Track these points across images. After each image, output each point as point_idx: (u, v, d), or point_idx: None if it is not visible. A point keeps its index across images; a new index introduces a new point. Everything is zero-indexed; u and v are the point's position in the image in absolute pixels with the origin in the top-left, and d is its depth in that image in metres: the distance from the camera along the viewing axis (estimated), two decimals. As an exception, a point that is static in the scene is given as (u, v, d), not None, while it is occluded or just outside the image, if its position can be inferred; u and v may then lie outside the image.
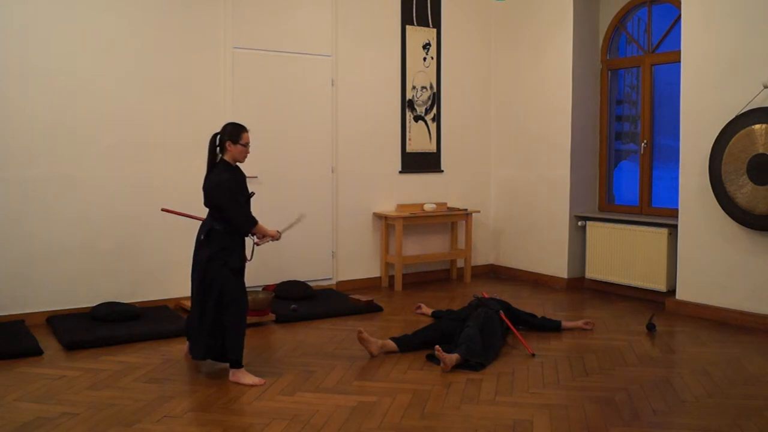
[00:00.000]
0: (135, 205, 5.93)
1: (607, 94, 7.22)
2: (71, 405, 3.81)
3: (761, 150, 5.40)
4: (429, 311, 5.91)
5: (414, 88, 7.40)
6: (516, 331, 5.07)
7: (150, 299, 6.02)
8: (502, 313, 5.11)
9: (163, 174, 6.05)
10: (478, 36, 7.82)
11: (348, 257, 7.07)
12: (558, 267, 7.24)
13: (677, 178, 6.07)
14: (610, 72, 7.22)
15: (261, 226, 4.39)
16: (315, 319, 5.77)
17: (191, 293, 4.35)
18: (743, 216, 5.53)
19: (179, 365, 4.54)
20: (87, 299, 5.74)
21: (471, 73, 7.80)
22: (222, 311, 4.21)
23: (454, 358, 4.43)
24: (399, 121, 7.32)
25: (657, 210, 6.77)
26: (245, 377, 4.20)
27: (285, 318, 5.69)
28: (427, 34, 7.45)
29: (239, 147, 4.31)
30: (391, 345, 4.82)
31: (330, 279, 6.98)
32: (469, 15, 7.74)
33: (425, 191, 7.52)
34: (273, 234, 4.45)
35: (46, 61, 5.53)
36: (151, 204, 5.94)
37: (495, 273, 7.99)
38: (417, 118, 7.44)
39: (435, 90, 7.54)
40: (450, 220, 7.54)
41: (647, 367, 4.56)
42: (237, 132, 4.31)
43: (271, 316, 5.67)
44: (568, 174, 7.08)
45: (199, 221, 4.98)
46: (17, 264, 5.50)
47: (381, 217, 7.20)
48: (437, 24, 7.50)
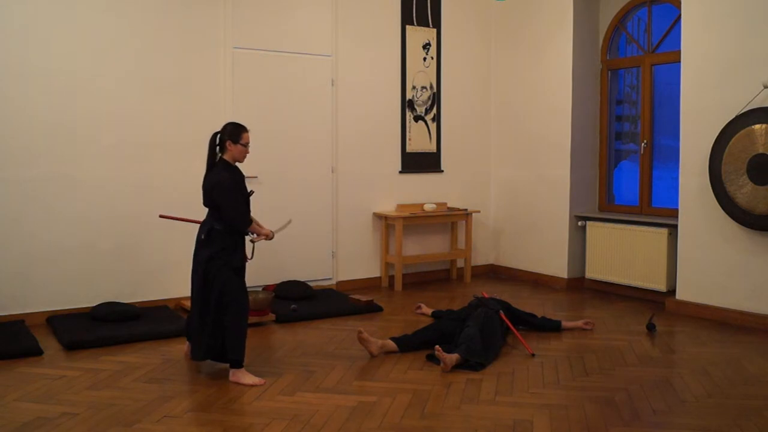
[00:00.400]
0: (135, 205, 5.93)
1: (607, 94, 7.22)
2: (71, 405, 3.81)
3: (761, 150, 5.40)
4: (429, 311, 5.91)
5: (414, 88, 7.40)
6: (516, 331, 5.07)
7: (150, 299, 6.02)
8: (502, 313, 5.11)
9: (163, 174, 6.05)
10: (478, 36, 7.82)
11: (348, 257, 7.07)
12: (558, 267, 7.24)
13: (677, 178, 6.07)
14: (610, 72, 7.22)
15: (255, 225, 4.48)
16: (315, 319, 5.77)
17: (191, 293, 4.36)
18: (743, 216, 5.53)
19: (179, 365, 4.54)
20: (87, 299, 5.74)
21: (471, 73, 7.80)
22: (223, 311, 4.21)
23: (454, 358, 4.43)
24: (399, 121, 7.33)
25: (657, 210, 6.76)
26: (245, 377, 4.20)
27: (285, 318, 5.69)
28: (427, 34, 7.45)
29: (239, 147, 4.31)
30: (391, 345, 4.82)
31: (330, 279, 6.98)
32: (469, 15, 7.74)
33: (425, 191, 7.52)
34: (267, 233, 4.48)
35: (46, 61, 5.53)
36: (151, 204, 5.95)
37: (495, 273, 7.99)
38: (417, 118, 7.44)
39: (435, 90, 7.53)
40: (450, 220, 7.54)
41: (647, 367, 4.56)
42: (237, 132, 4.31)
43: (271, 316, 5.67)
44: (568, 174, 7.08)
45: (199, 223, 4.99)
46: (17, 264, 5.50)
47: (381, 217, 7.20)
48: (437, 24, 7.50)
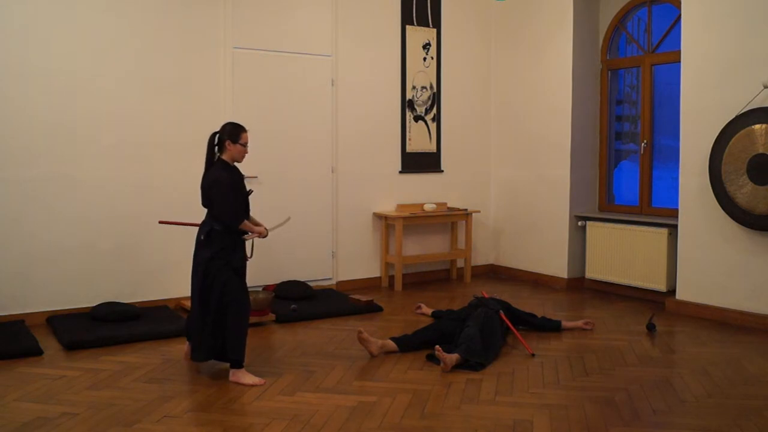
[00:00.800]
0: (135, 205, 5.93)
1: (607, 94, 7.22)
2: (71, 405, 3.81)
3: (761, 150, 5.40)
4: (429, 311, 5.91)
5: (414, 88, 7.40)
6: (516, 331, 5.07)
7: (150, 299, 6.02)
8: (502, 313, 5.11)
9: (163, 174, 6.05)
10: (478, 36, 7.82)
11: (348, 257, 7.07)
12: (558, 267, 7.24)
13: (677, 178, 6.07)
14: (610, 72, 7.22)
15: (248, 223, 4.35)
16: (315, 319, 5.77)
17: (192, 294, 4.35)
18: (743, 216, 5.53)
19: (179, 365, 4.54)
20: (87, 299, 5.74)
21: (471, 73, 7.80)
22: (223, 311, 4.21)
23: (454, 358, 4.43)
24: (399, 121, 7.33)
25: (657, 210, 6.76)
26: (245, 377, 4.20)
27: (285, 318, 5.69)
28: (427, 34, 7.45)
29: (238, 147, 4.31)
30: (391, 345, 4.82)
31: (330, 279, 6.98)
32: (469, 15, 7.74)
33: (425, 191, 7.52)
34: (260, 231, 4.37)
35: (46, 61, 5.53)
36: (151, 204, 5.95)
37: (495, 273, 7.99)
38: (417, 118, 7.44)
39: (435, 90, 7.53)
40: (450, 220, 7.54)
41: (647, 367, 4.56)
42: (237, 132, 4.32)
43: (271, 316, 5.67)
44: (568, 174, 7.08)
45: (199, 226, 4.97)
46: (17, 264, 5.50)
47: (381, 217, 7.20)
48: (437, 24, 7.50)
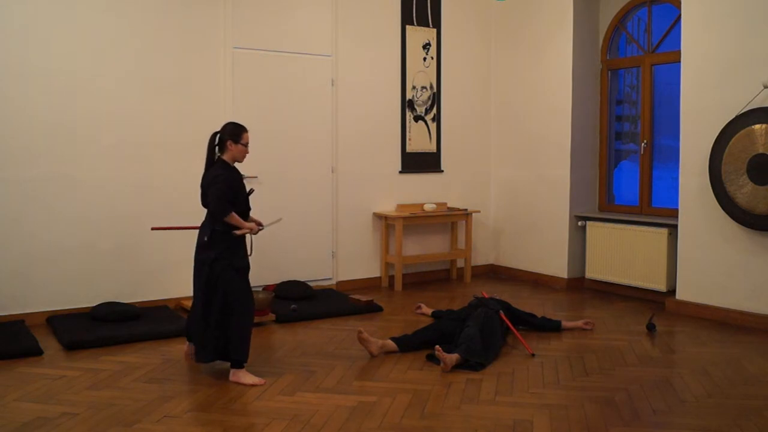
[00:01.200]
0: (135, 205, 5.93)
1: (607, 94, 7.22)
2: (71, 405, 3.81)
3: (761, 150, 5.40)
4: (429, 311, 5.91)
5: (414, 88, 7.40)
6: (516, 331, 5.07)
7: (150, 299, 6.02)
8: (502, 313, 5.11)
9: (163, 174, 6.05)
10: (478, 36, 7.82)
11: (348, 257, 7.07)
12: (558, 267, 7.24)
13: (677, 178, 6.07)
14: (610, 72, 7.22)
15: (236, 216, 4.23)
16: (315, 319, 5.77)
17: (194, 295, 4.34)
18: (743, 216, 5.53)
19: (179, 365, 4.54)
20: (87, 299, 5.74)
21: (471, 73, 7.79)
22: (227, 311, 4.21)
23: (454, 358, 4.43)
24: (399, 121, 7.32)
25: (657, 210, 6.76)
26: (245, 377, 4.20)
27: (285, 318, 5.69)
28: (427, 34, 7.45)
29: (240, 147, 4.32)
30: (391, 345, 4.82)
31: (330, 279, 6.98)
32: (469, 15, 7.74)
33: (425, 191, 7.52)
34: (251, 227, 4.29)
35: (46, 61, 5.53)
36: (151, 204, 5.95)
37: (495, 273, 7.99)
38: (417, 118, 7.44)
39: (435, 90, 7.53)
40: (450, 220, 7.54)
41: (647, 367, 4.56)
42: (238, 132, 4.32)
43: (271, 316, 5.67)
44: (568, 174, 7.08)
45: (193, 229, 4.95)
46: (17, 264, 5.50)
47: (381, 217, 7.20)
48: (437, 24, 7.50)
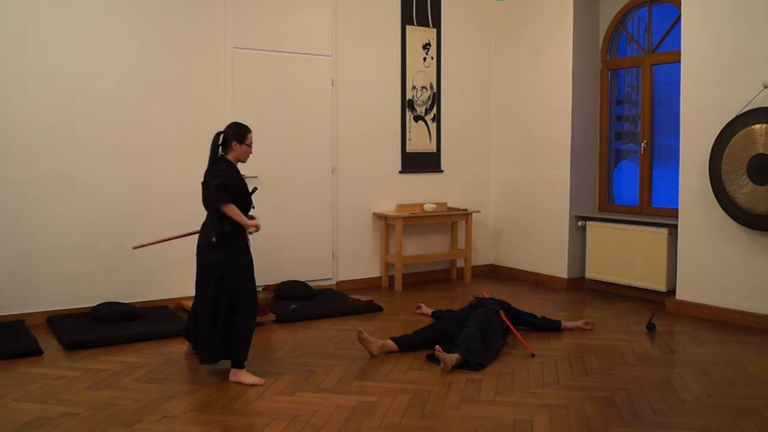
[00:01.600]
0: (135, 205, 5.93)
1: (607, 94, 7.22)
2: (71, 405, 3.81)
3: (761, 150, 5.40)
4: (429, 311, 5.90)
5: (414, 88, 7.40)
6: (516, 331, 5.07)
7: (150, 299, 6.02)
8: (502, 313, 5.11)
9: (163, 174, 6.05)
10: (478, 36, 7.82)
11: (348, 257, 7.07)
12: (558, 267, 7.24)
13: (677, 178, 6.07)
14: (610, 72, 7.22)
15: (236, 208, 4.16)
16: (315, 319, 5.77)
17: (200, 296, 4.31)
18: (743, 216, 5.53)
19: (179, 365, 4.54)
20: (87, 299, 5.74)
21: (471, 73, 7.79)
22: (233, 311, 4.22)
23: (454, 358, 4.43)
24: (399, 121, 7.32)
25: (657, 210, 6.76)
26: (246, 377, 4.20)
27: (285, 318, 5.69)
28: (427, 34, 7.45)
29: (244, 147, 4.33)
30: (391, 345, 4.82)
31: (330, 279, 6.98)
32: (469, 15, 7.74)
33: (425, 191, 7.52)
34: (255, 224, 4.24)
35: (46, 61, 5.53)
36: (151, 204, 5.96)
37: (495, 273, 7.99)
38: (417, 118, 7.44)
39: (435, 90, 7.53)
40: (450, 220, 7.54)
41: (647, 367, 4.56)
42: (243, 132, 4.33)
43: (271, 316, 5.67)
44: (568, 174, 7.08)
45: (177, 239, 4.93)
46: (17, 264, 5.50)
47: (381, 217, 7.20)
48: (437, 24, 7.50)
